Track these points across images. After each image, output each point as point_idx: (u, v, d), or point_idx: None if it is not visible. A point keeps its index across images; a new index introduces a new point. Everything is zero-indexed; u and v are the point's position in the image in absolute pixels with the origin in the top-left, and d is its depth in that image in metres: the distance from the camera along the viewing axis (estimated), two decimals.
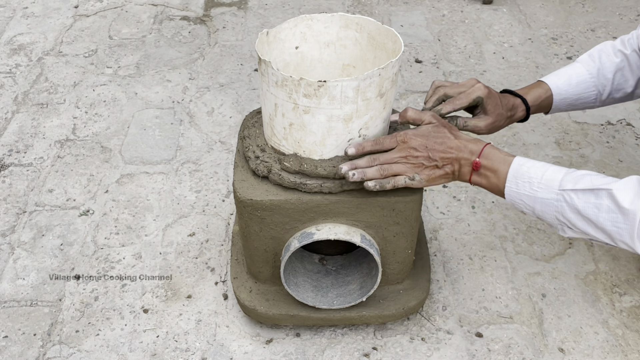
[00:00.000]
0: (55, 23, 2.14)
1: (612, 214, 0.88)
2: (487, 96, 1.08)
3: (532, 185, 0.94)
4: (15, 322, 1.23)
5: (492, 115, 1.10)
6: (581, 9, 2.23)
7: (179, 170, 1.58)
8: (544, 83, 1.21)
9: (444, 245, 1.39)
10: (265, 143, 1.09)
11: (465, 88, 1.08)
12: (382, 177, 0.99)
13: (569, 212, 0.92)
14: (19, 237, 1.40)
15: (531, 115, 1.20)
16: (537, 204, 0.94)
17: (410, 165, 0.98)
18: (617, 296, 1.28)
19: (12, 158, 1.61)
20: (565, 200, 0.91)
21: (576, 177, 0.92)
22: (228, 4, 2.25)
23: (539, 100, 1.19)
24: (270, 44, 1.08)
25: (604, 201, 0.88)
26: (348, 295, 1.15)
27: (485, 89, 1.08)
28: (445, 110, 1.07)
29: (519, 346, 1.19)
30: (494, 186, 0.98)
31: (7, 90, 1.84)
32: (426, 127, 1.00)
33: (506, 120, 1.14)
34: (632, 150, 1.63)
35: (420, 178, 0.99)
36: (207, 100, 1.81)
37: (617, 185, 0.88)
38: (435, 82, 1.12)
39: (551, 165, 0.95)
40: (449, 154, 0.98)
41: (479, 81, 1.09)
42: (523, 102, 1.17)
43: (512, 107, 1.15)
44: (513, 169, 0.96)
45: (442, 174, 0.99)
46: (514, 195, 0.96)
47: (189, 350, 1.18)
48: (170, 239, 1.40)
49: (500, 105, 1.11)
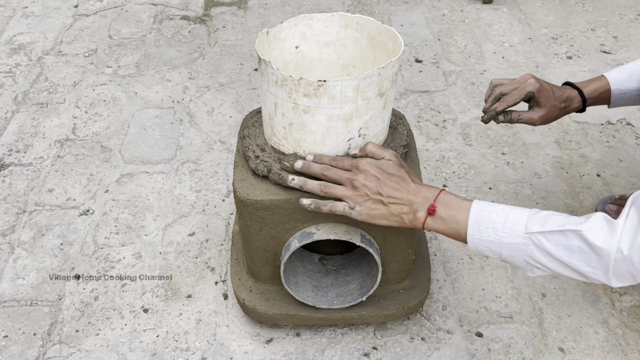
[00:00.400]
0: (55, 23, 2.14)
1: (584, 254, 0.86)
2: (539, 90, 1.13)
3: (497, 230, 0.90)
4: (15, 322, 1.23)
5: (544, 108, 1.15)
6: (581, 8, 2.23)
7: (179, 169, 1.58)
8: (604, 77, 1.23)
9: (444, 244, 1.39)
10: (265, 143, 1.09)
11: (518, 84, 1.14)
12: (322, 193, 0.97)
13: (539, 255, 0.89)
14: (18, 237, 1.40)
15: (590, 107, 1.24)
16: (504, 249, 0.91)
17: (354, 193, 0.95)
18: (617, 296, 1.28)
19: (12, 158, 1.61)
20: (534, 243, 0.88)
21: (541, 219, 0.89)
22: (228, 4, 2.25)
23: (596, 93, 1.21)
24: (270, 44, 1.08)
25: (575, 242, 0.86)
26: (348, 294, 1.15)
27: (537, 83, 1.13)
28: (500, 107, 1.13)
29: (519, 346, 1.19)
30: (454, 232, 0.94)
31: (7, 89, 1.84)
32: (387, 162, 0.97)
33: (560, 111, 1.18)
34: (632, 150, 1.63)
35: (361, 209, 0.95)
36: (207, 100, 1.81)
37: (585, 225, 0.86)
38: (493, 81, 1.17)
39: (512, 208, 0.91)
40: (399, 194, 0.94)
41: (533, 76, 1.14)
42: (580, 94, 1.20)
43: (566, 99, 1.19)
44: (473, 215, 0.92)
45: (387, 213, 0.95)
46: (477, 242, 0.92)
47: (189, 350, 1.18)
48: (170, 239, 1.40)
49: (553, 97, 1.15)
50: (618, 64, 1.94)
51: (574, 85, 1.22)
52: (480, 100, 1.80)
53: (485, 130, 1.69)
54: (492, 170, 1.57)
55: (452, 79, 1.88)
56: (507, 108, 1.14)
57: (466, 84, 1.86)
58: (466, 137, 1.67)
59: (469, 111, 1.76)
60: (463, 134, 1.68)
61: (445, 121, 1.73)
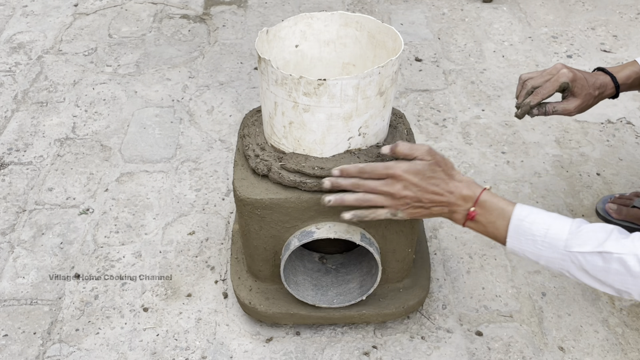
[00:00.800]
0: (55, 21, 2.14)
1: (621, 276, 0.87)
2: (573, 79, 1.11)
3: (536, 243, 0.91)
4: (15, 321, 1.23)
5: (579, 97, 1.12)
6: (581, 7, 2.23)
7: (178, 168, 1.58)
8: (637, 62, 1.21)
9: (444, 243, 1.39)
10: (265, 141, 1.09)
11: (550, 76, 1.11)
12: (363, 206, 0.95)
13: (576, 271, 0.90)
14: (18, 236, 1.40)
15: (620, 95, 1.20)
16: (542, 260, 0.93)
17: (394, 202, 0.94)
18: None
19: (12, 157, 1.61)
20: (572, 261, 0.90)
21: (582, 238, 0.89)
22: (228, 3, 2.25)
23: (630, 79, 1.19)
24: (270, 43, 1.08)
25: (613, 265, 0.87)
26: (348, 293, 1.15)
27: (570, 72, 1.10)
28: (534, 101, 1.10)
29: (518, 345, 1.19)
30: (493, 237, 0.95)
31: (6, 88, 1.84)
32: (421, 163, 0.94)
33: (595, 99, 1.16)
34: (632, 149, 1.63)
35: (403, 215, 0.96)
36: (207, 99, 1.81)
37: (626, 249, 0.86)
38: (522, 76, 1.14)
39: (554, 219, 0.91)
40: (440, 197, 0.94)
41: (565, 66, 1.11)
42: (613, 80, 1.18)
43: (600, 86, 1.16)
44: (514, 225, 0.92)
45: (428, 214, 0.96)
46: (516, 249, 0.94)
47: (189, 349, 1.18)
48: (170, 238, 1.40)
49: (587, 85, 1.13)
50: (618, 63, 1.94)
51: (605, 70, 1.19)
52: (480, 99, 1.80)
53: (485, 129, 1.69)
54: (492, 169, 1.57)
55: (452, 78, 1.88)
56: (541, 101, 1.11)
57: (466, 82, 1.86)
58: (466, 136, 1.67)
59: (468, 110, 1.76)
60: (463, 133, 1.68)
61: (445, 120, 1.73)
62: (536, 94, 1.11)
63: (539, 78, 1.12)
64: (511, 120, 1.72)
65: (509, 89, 1.83)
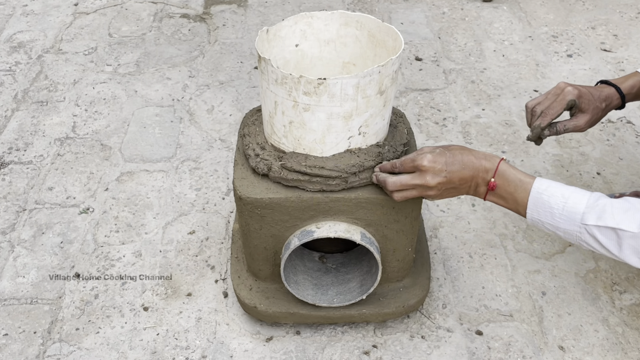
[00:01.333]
0: (55, 21, 2.14)
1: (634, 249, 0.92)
2: (579, 96, 1.12)
3: (554, 215, 0.95)
4: (15, 320, 1.23)
5: (588, 112, 1.14)
6: (581, 6, 2.23)
7: (179, 168, 1.58)
8: (638, 73, 1.22)
9: (444, 243, 1.39)
10: (265, 141, 1.09)
11: (555, 96, 1.12)
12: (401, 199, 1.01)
13: (592, 242, 0.95)
14: (19, 235, 1.40)
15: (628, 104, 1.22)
16: (560, 231, 0.97)
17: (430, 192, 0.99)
18: (617, 294, 1.28)
19: (12, 156, 1.61)
20: (588, 232, 0.94)
21: (598, 211, 0.93)
22: (228, 2, 2.25)
23: (634, 89, 1.20)
24: (270, 42, 1.08)
25: (627, 241, 0.91)
26: (348, 293, 1.15)
27: (575, 89, 1.12)
28: (544, 122, 1.12)
29: (518, 344, 1.19)
30: (513, 209, 1.00)
31: (7, 88, 1.84)
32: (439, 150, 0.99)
33: (602, 111, 1.17)
34: (632, 148, 1.63)
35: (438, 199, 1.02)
36: (207, 98, 1.81)
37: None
38: (528, 104, 1.15)
39: (571, 192, 0.95)
40: (466, 173, 0.98)
41: (569, 83, 1.12)
42: (617, 91, 1.19)
43: (605, 98, 1.17)
44: (533, 197, 0.97)
45: (457, 193, 1.01)
46: (536, 221, 0.99)
47: (189, 348, 1.18)
48: (170, 237, 1.40)
49: (594, 99, 1.14)
50: (618, 62, 1.94)
51: (609, 82, 1.20)
52: (480, 98, 1.80)
53: (485, 129, 1.69)
54: None
55: (452, 77, 1.88)
56: (551, 121, 1.12)
57: (466, 82, 1.86)
58: (466, 136, 1.67)
59: (469, 109, 1.76)
60: (463, 132, 1.68)
61: (445, 119, 1.73)
62: (545, 115, 1.12)
63: (545, 101, 1.13)
64: (511, 120, 1.72)
65: (509, 89, 1.83)
